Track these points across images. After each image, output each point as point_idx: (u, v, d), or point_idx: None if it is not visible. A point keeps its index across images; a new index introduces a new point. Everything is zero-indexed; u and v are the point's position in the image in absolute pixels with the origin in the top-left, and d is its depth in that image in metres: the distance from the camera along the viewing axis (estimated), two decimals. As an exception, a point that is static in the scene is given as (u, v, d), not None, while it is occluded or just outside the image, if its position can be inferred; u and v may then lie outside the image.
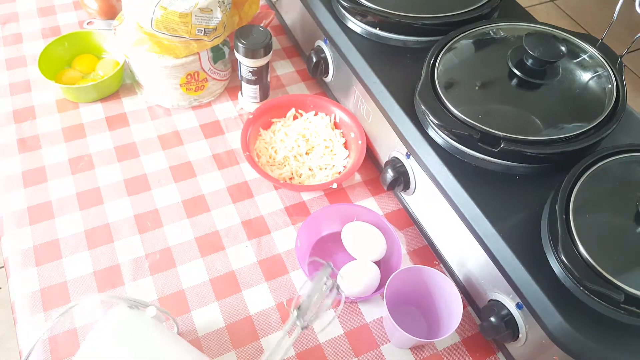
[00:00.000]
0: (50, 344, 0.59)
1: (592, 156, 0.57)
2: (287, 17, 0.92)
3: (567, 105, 0.63)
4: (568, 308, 0.49)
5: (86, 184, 0.73)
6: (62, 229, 0.68)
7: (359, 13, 0.71)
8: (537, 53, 0.61)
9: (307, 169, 0.73)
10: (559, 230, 0.51)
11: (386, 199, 0.74)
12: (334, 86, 0.81)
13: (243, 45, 0.73)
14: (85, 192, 0.72)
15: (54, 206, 0.70)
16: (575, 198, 0.53)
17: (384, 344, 0.62)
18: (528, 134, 0.58)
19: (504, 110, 0.63)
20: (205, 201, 0.72)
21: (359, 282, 0.61)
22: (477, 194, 0.57)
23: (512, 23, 0.71)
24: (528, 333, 0.53)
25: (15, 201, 0.70)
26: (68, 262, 0.65)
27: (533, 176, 0.59)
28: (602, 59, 0.66)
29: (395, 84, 0.67)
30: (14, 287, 0.63)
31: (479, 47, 0.69)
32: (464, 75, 0.65)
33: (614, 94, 0.62)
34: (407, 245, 0.70)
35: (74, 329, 0.60)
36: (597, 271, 0.48)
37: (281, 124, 0.78)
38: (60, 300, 0.62)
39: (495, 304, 0.56)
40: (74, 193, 0.72)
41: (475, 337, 0.63)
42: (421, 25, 0.70)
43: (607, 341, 0.47)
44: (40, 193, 0.71)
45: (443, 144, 0.61)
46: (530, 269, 0.52)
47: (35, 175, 0.73)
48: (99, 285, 0.64)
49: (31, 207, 0.70)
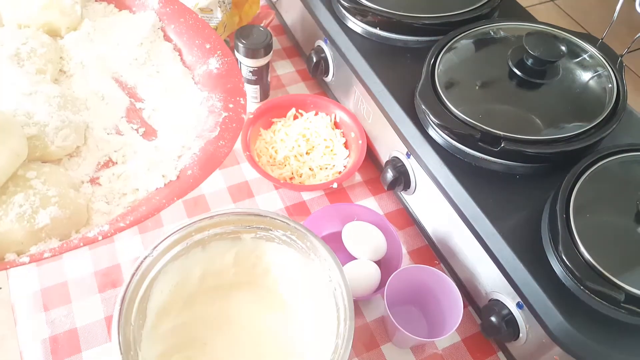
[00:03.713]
0: (51, 344, 0.59)
1: (593, 156, 0.57)
2: (287, 17, 0.92)
3: (567, 104, 0.63)
4: (568, 307, 0.49)
5: (86, 184, 0.73)
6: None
7: (359, 13, 0.71)
8: (537, 53, 0.61)
9: (308, 168, 0.73)
10: (560, 230, 0.51)
11: (386, 199, 0.74)
12: (334, 86, 0.81)
13: (243, 45, 0.73)
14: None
15: (54, 206, 0.70)
16: (576, 198, 0.53)
17: (384, 344, 0.62)
18: (528, 133, 0.58)
19: (504, 109, 0.63)
20: (205, 201, 0.72)
21: (359, 282, 0.61)
22: (477, 194, 0.57)
23: (512, 23, 0.71)
24: (528, 333, 0.53)
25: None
26: (68, 262, 0.65)
27: (533, 176, 0.59)
28: (602, 58, 0.66)
29: (395, 84, 0.67)
30: (14, 287, 0.63)
31: (479, 46, 0.69)
32: (464, 75, 0.66)
33: (614, 94, 0.62)
34: (407, 245, 0.70)
35: (74, 329, 0.60)
36: (598, 270, 0.48)
37: (281, 124, 0.78)
38: (60, 300, 0.62)
39: (495, 303, 0.56)
40: (74, 193, 0.72)
41: (475, 337, 0.63)
42: (421, 25, 0.70)
43: (608, 341, 0.47)
44: (40, 193, 0.71)
45: (443, 144, 0.61)
46: (530, 268, 0.52)
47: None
48: (99, 285, 0.64)
49: (31, 207, 0.70)
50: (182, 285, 0.54)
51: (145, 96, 0.64)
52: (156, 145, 0.59)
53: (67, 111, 0.57)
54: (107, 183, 0.56)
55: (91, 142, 0.58)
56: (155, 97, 0.64)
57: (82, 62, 0.65)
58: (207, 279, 0.56)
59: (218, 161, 0.53)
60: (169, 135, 0.60)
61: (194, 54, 0.65)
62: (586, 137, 0.58)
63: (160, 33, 0.67)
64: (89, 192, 0.55)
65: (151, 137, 0.60)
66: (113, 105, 0.62)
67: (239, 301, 0.57)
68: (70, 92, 0.61)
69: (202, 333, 0.54)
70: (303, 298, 0.55)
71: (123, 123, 0.61)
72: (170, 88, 0.64)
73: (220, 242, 0.55)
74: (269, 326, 0.55)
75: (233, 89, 0.60)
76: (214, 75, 0.62)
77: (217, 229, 0.53)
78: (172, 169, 0.55)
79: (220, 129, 0.56)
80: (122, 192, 0.55)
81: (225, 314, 0.56)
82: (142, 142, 0.60)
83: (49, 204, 0.49)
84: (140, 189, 0.54)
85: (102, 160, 0.58)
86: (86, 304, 0.62)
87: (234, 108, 0.58)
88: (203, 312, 0.56)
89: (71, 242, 0.47)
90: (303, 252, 0.53)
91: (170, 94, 0.64)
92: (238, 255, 0.56)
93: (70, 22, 0.66)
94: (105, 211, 0.53)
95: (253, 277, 0.57)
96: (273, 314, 0.56)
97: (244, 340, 0.55)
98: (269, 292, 0.57)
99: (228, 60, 0.62)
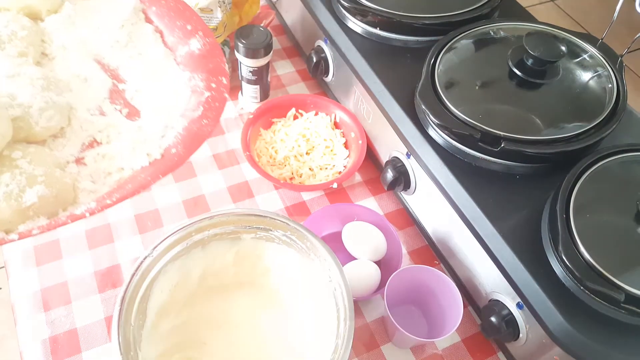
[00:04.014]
0: (51, 344, 0.59)
1: (593, 156, 0.57)
2: (287, 17, 0.92)
3: (567, 105, 0.63)
4: (568, 308, 0.49)
5: (86, 184, 0.73)
6: (62, 228, 0.68)
7: (359, 13, 0.71)
8: (537, 53, 0.61)
9: (308, 168, 0.73)
10: (560, 230, 0.51)
11: (386, 199, 0.74)
12: (334, 86, 0.81)
13: (243, 45, 0.73)
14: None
15: (54, 206, 0.70)
16: (576, 198, 0.53)
17: (384, 344, 0.62)
18: (528, 133, 0.58)
19: (504, 110, 0.63)
20: (205, 201, 0.72)
21: (359, 282, 0.61)
22: (477, 194, 0.57)
23: (512, 23, 0.71)
24: (528, 333, 0.53)
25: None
26: (68, 262, 0.65)
27: (533, 176, 0.59)
28: (602, 58, 0.66)
29: (395, 84, 0.67)
30: (14, 287, 0.63)
31: (479, 47, 0.69)
32: (465, 75, 0.66)
33: (614, 94, 0.62)
34: (407, 245, 0.70)
35: (74, 329, 0.60)
36: (598, 271, 0.48)
37: (281, 124, 0.78)
38: (60, 300, 0.62)
39: (495, 303, 0.56)
40: (74, 193, 0.72)
41: (475, 337, 0.63)
42: (421, 25, 0.70)
43: (608, 341, 0.47)
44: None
45: (443, 144, 0.61)
46: (530, 268, 0.52)
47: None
48: (99, 285, 0.64)
49: (31, 207, 0.70)
50: (182, 285, 0.54)
51: (127, 77, 0.65)
52: (140, 126, 0.60)
53: (50, 92, 0.57)
54: (92, 163, 0.57)
55: (75, 123, 0.59)
56: (137, 79, 0.65)
57: (63, 44, 0.65)
58: (207, 279, 0.56)
59: (201, 139, 0.54)
60: (152, 116, 0.61)
61: (175, 35, 0.66)
62: (586, 137, 0.58)
63: (141, 15, 0.68)
64: (74, 172, 0.55)
65: (135, 118, 0.61)
66: (96, 87, 0.63)
67: (239, 301, 0.57)
68: (52, 74, 0.61)
69: (202, 333, 0.54)
70: (303, 298, 0.55)
71: (106, 104, 0.62)
72: (152, 69, 0.65)
73: (220, 242, 0.55)
74: (268, 326, 0.55)
75: (215, 69, 0.61)
76: (195, 55, 0.63)
77: (217, 229, 0.54)
78: (157, 148, 0.56)
79: (204, 108, 0.57)
80: (107, 171, 0.56)
81: (225, 314, 0.56)
82: (126, 123, 0.61)
83: (36, 183, 0.49)
84: (125, 167, 0.55)
85: (86, 141, 0.58)
86: (86, 304, 0.62)
87: (216, 87, 0.59)
88: (203, 312, 0.56)
89: (59, 219, 0.48)
90: (303, 252, 0.53)
91: (152, 75, 0.65)
92: (238, 255, 0.56)
93: (51, 5, 0.67)
94: (92, 190, 0.54)
95: (253, 277, 0.57)
96: (273, 314, 0.56)
97: (243, 340, 0.55)
98: (269, 292, 0.57)
99: (209, 41, 0.63)
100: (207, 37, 0.63)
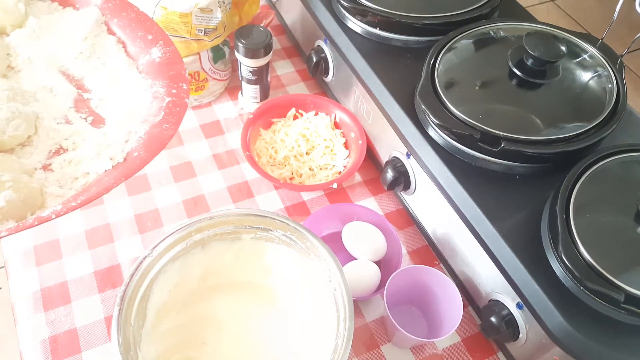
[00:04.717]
0: (50, 344, 0.59)
1: (593, 156, 0.57)
2: (287, 17, 0.92)
3: (567, 105, 0.63)
4: (568, 308, 0.49)
5: (86, 184, 0.73)
6: (62, 229, 0.68)
7: (359, 13, 0.71)
8: (537, 53, 0.61)
9: (308, 168, 0.73)
10: (559, 230, 0.51)
11: (386, 199, 0.74)
12: (334, 86, 0.81)
13: (243, 45, 0.73)
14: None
15: (54, 206, 0.70)
16: (576, 198, 0.53)
17: (384, 344, 0.62)
18: (528, 133, 0.58)
19: (504, 110, 0.63)
20: (205, 201, 0.72)
21: (359, 282, 0.61)
22: (477, 194, 0.57)
23: (512, 23, 0.71)
24: (528, 333, 0.53)
25: (15, 201, 0.70)
26: (68, 262, 0.65)
27: (533, 176, 0.59)
28: (603, 58, 0.66)
29: (395, 84, 0.67)
30: (14, 287, 0.63)
31: (479, 47, 0.69)
32: (464, 75, 0.65)
33: (614, 94, 0.62)
34: (407, 245, 0.70)
35: (74, 329, 0.60)
36: (598, 271, 0.48)
37: (281, 124, 0.78)
38: (60, 300, 0.62)
39: (495, 303, 0.56)
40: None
41: (475, 337, 0.63)
42: (421, 25, 0.70)
43: (608, 341, 0.47)
44: (40, 193, 0.71)
45: (443, 144, 0.61)
46: (530, 268, 0.52)
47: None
48: (99, 285, 0.64)
49: (31, 207, 0.70)
50: (182, 285, 0.55)
51: (92, 87, 0.68)
52: (104, 132, 0.62)
53: (16, 103, 0.60)
54: (59, 169, 0.59)
55: (42, 131, 0.61)
56: (101, 88, 0.67)
57: (29, 57, 0.68)
58: (207, 279, 0.56)
59: (163, 143, 0.56)
60: (116, 122, 0.63)
61: (137, 45, 0.69)
62: (586, 138, 0.58)
63: (104, 27, 0.71)
64: (42, 178, 0.57)
65: (99, 125, 0.64)
66: (61, 97, 0.65)
67: (239, 301, 0.57)
68: (19, 85, 0.64)
69: (201, 333, 0.54)
70: (303, 298, 0.55)
71: (72, 113, 0.65)
72: (115, 78, 0.68)
73: (220, 242, 0.55)
74: (268, 326, 0.56)
75: (175, 76, 0.63)
76: (156, 64, 0.66)
77: (217, 229, 0.54)
78: (120, 152, 0.57)
79: (165, 113, 0.60)
80: (73, 176, 0.58)
81: (225, 314, 0.56)
82: (91, 130, 0.63)
83: (4, 188, 0.51)
84: (90, 172, 0.58)
85: (53, 148, 0.61)
86: (86, 304, 0.62)
87: (177, 93, 0.62)
88: (203, 312, 0.56)
89: (26, 221, 0.49)
90: (303, 252, 0.53)
91: (115, 84, 0.67)
92: (238, 255, 0.56)
93: (15, 20, 0.69)
94: (59, 194, 0.56)
95: (253, 277, 0.57)
96: (273, 314, 0.56)
97: (243, 340, 0.55)
98: (269, 292, 0.57)
99: (170, 49, 0.66)
100: (168, 46, 0.66)
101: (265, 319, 0.56)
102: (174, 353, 0.52)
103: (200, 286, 0.56)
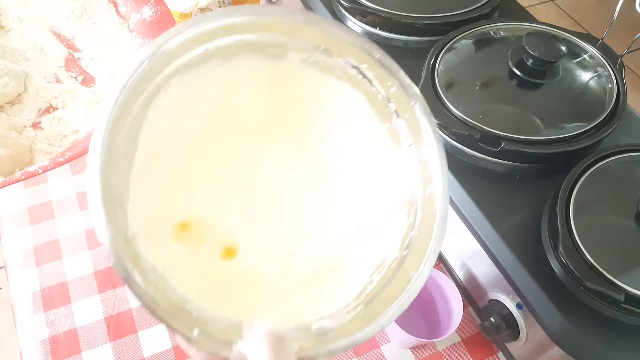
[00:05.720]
0: (50, 344, 0.59)
1: (593, 156, 0.57)
2: (287, 17, 0.92)
3: (567, 105, 0.63)
4: (568, 308, 0.49)
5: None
6: (62, 229, 0.68)
7: (359, 13, 0.71)
8: (537, 53, 0.61)
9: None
10: (559, 230, 0.51)
11: (386, 199, 0.74)
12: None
13: (243, 45, 0.73)
14: (85, 192, 0.72)
15: (54, 206, 0.70)
16: (576, 198, 0.53)
17: (384, 344, 0.62)
18: (528, 133, 0.58)
19: (504, 110, 0.63)
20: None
21: (359, 282, 0.61)
22: (477, 194, 0.57)
23: (512, 23, 0.71)
24: (528, 333, 0.53)
25: (15, 201, 0.70)
26: (68, 262, 0.65)
27: (533, 176, 0.59)
28: (603, 58, 0.66)
29: (395, 84, 0.66)
30: (14, 287, 0.63)
31: (479, 47, 0.69)
32: (464, 75, 0.65)
33: (614, 94, 0.62)
34: (407, 245, 0.70)
35: (74, 329, 0.60)
36: (598, 271, 0.48)
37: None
38: (60, 300, 0.62)
39: (495, 303, 0.56)
40: (75, 193, 0.71)
41: (475, 337, 0.63)
42: (421, 25, 0.70)
43: (608, 341, 0.47)
44: (40, 193, 0.71)
45: (443, 144, 0.60)
46: (530, 268, 0.51)
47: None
48: (99, 286, 0.64)
49: (31, 207, 0.70)
50: (189, 117, 0.37)
51: (82, 46, 0.68)
52: (94, 91, 0.63)
53: (5, 60, 0.60)
54: (48, 127, 0.59)
55: (32, 90, 0.62)
56: (92, 47, 0.68)
57: (19, 17, 0.68)
58: (223, 114, 0.39)
59: None
60: (106, 81, 0.64)
61: (128, 4, 0.70)
62: (586, 138, 0.58)
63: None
64: (31, 135, 0.58)
65: (90, 84, 0.65)
66: (52, 56, 0.66)
67: (265, 154, 0.39)
68: (8, 44, 0.65)
69: (204, 191, 0.38)
70: (360, 174, 0.38)
71: (62, 72, 0.65)
72: (106, 37, 0.68)
73: (253, 55, 0.36)
74: (304, 196, 0.38)
75: None
76: (147, 22, 0.67)
77: (256, 34, 0.35)
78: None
79: None
80: (63, 134, 0.58)
81: (243, 170, 0.39)
82: (81, 89, 0.64)
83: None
84: (80, 130, 0.58)
85: (43, 107, 0.61)
86: (86, 304, 0.62)
87: None
88: (210, 161, 0.39)
89: (14, 176, 0.50)
90: (379, 106, 0.36)
91: (106, 43, 0.68)
92: (272, 83, 0.38)
93: None
94: (48, 151, 0.57)
95: (290, 123, 0.39)
96: (314, 182, 0.39)
97: (269, 207, 0.38)
98: (311, 153, 0.39)
99: (161, 8, 0.66)
100: (159, 5, 0.66)
101: (302, 187, 0.39)
102: (170, 214, 0.37)
103: (213, 124, 0.39)
